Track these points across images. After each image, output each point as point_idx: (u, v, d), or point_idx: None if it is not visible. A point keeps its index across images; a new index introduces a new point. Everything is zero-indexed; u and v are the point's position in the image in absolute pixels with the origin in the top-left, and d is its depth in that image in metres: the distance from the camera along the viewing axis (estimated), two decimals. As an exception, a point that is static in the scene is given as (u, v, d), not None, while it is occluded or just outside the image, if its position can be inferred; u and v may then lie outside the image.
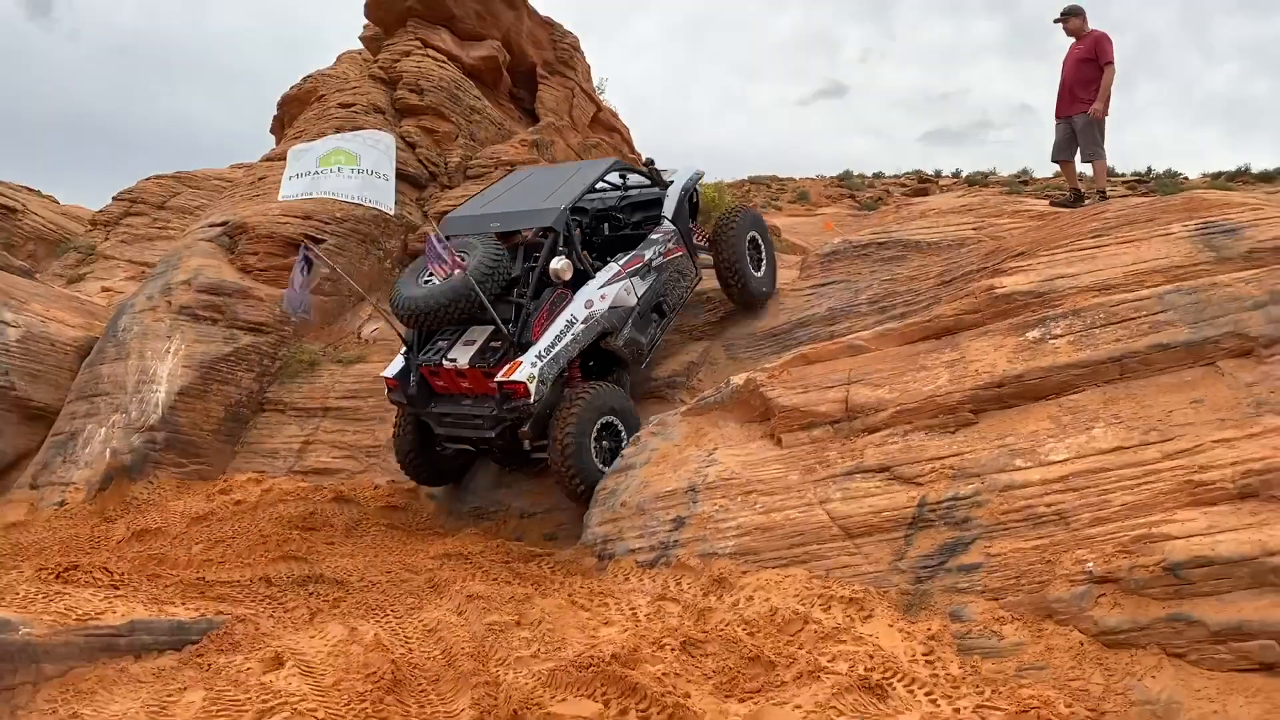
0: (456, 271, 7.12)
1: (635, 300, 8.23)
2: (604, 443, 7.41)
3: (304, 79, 16.62)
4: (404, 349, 7.99)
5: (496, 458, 8.13)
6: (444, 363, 7.48)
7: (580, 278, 7.96)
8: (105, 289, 16.56)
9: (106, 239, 19.89)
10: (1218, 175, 36.05)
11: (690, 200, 9.54)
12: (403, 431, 8.19)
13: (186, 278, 10.58)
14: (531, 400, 7.14)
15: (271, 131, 17.57)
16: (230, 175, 20.87)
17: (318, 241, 11.29)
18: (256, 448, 9.78)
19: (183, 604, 5.37)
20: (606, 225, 9.33)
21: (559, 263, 7.67)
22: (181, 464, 9.30)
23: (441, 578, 6.14)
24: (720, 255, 9.26)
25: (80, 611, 4.84)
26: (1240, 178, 35.15)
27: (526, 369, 7.16)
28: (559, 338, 7.46)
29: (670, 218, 9.00)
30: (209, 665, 4.65)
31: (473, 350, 7.48)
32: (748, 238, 9.39)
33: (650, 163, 9.45)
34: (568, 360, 7.53)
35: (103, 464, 8.95)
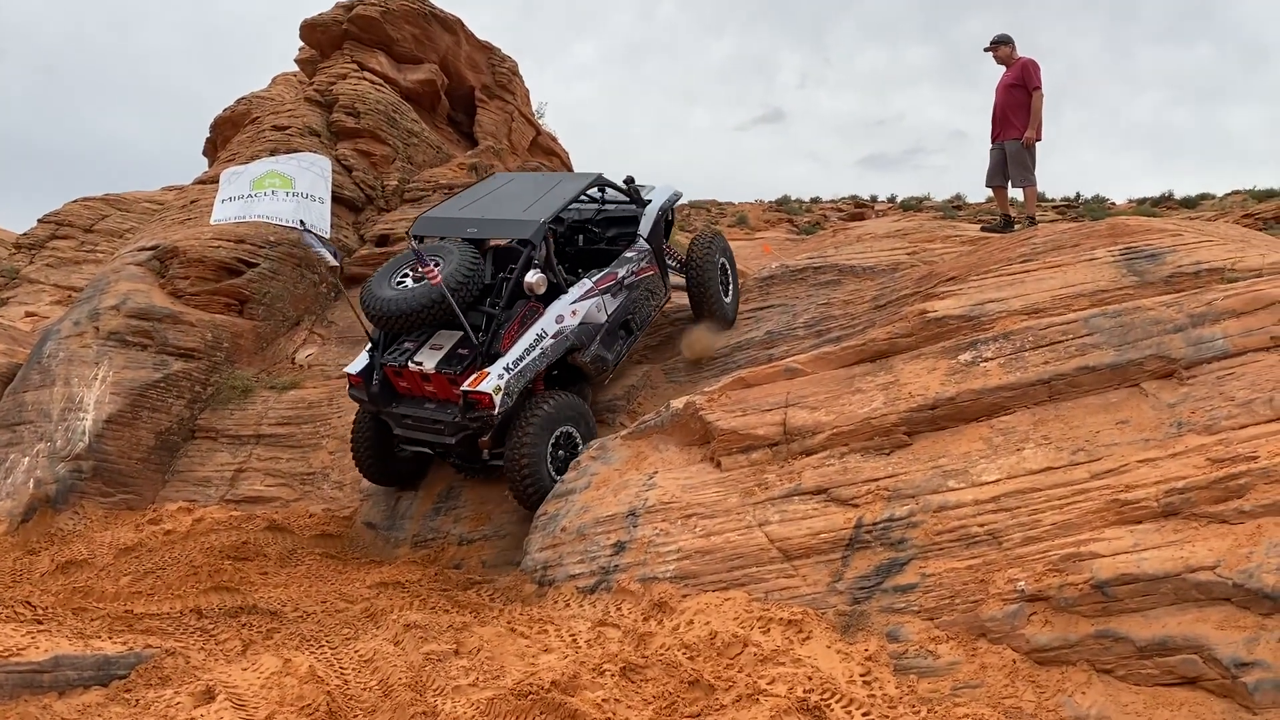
0: (430, 280, 7.16)
1: (605, 318, 8.25)
2: (560, 452, 7.42)
3: (238, 101, 16.47)
4: (369, 346, 7.89)
5: (453, 462, 8.09)
6: (410, 365, 7.42)
7: (553, 290, 7.94)
8: (29, 314, 16.16)
9: (31, 262, 19.42)
10: (1143, 200, 37.18)
11: (665, 219, 9.65)
12: (361, 430, 8.11)
13: (115, 302, 10.35)
14: (495, 412, 7.11)
15: (204, 153, 17.35)
16: (161, 198, 20.52)
17: (251, 265, 11.14)
18: (187, 476, 9.57)
19: (109, 638, 5.23)
20: (581, 238, 9.34)
21: (534, 276, 7.68)
22: (109, 493, 9.06)
23: (378, 607, 6.06)
24: (694, 278, 9.33)
25: (1, 647, 4.68)
26: (1164, 203, 36.30)
27: (494, 380, 7.12)
28: (528, 351, 7.44)
29: (646, 237, 9.04)
30: (137, 701, 4.53)
31: (440, 355, 7.44)
32: (719, 263, 9.50)
33: (630, 180, 9.46)
34: (534, 374, 7.50)
35: (26, 494, 8.69)
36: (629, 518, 6.21)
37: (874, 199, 43.88)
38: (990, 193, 9.92)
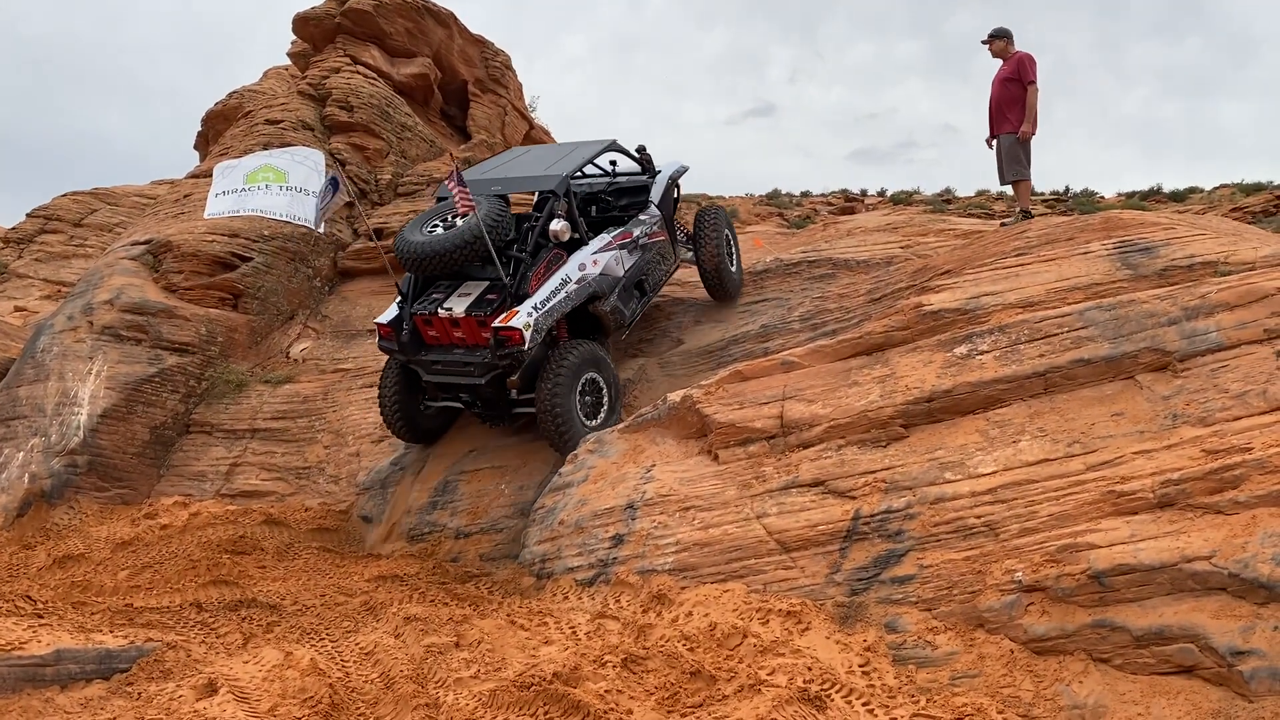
0: (468, 215, 7.53)
1: (623, 272, 8.57)
2: (587, 398, 7.75)
3: (230, 95, 16.37)
4: (398, 298, 8.12)
5: (479, 412, 8.30)
6: (439, 312, 7.68)
7: (573, 246, 8.28)
8: (19, 309, 16.07)
9: (20, 257, 19.30)
10: (1132, 194, 37.23)
11: (673, 193, 9.98)
12: (388, 383, 8.34)
13: (109, 297, 10.31)
14: (526, 347, 7.35)
15: (196, 148, 17.27)
16: (152, 192, 20.41)
17: (245, 260, 11.11)
18: (182, 470, 9.55)
19: (110, 632, 5.23)
20: (594, 207, 9.62)
21: (558, 224, 8.08)
22: (104, 488, 9.04)
23: (377, 600, 6.07)
24: (702, 248, 9.65)
25: (3, 641, 4.69)
26: (1153, 197, 36.36)
27: (523, 317, 7.39)
28: (554, 293, 7.74)
29: (657, 203, 9.40)
30: (139, 694, 4.54)
31: (469, 301, 7.72)
32: (725, 235, 9.85)
33: (642, 149, 9.80)
34: (560, 315, 7.78)
35: (21, 489, 8.67)
36: (627, 510, 6.23)
37: (864, 193, 43.82)
38: (979, 188, 9.90)
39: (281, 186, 11.98)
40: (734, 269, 10.00)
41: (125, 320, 10.10)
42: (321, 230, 11.96)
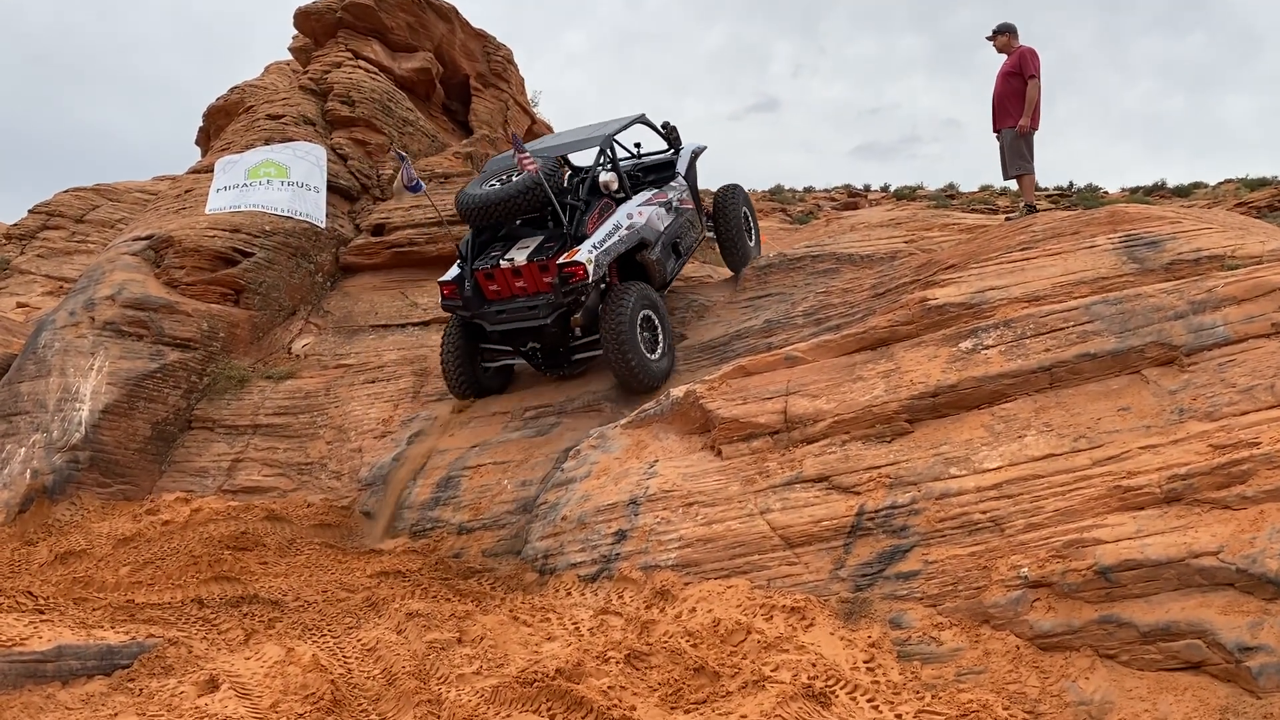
0: (532, 166, 8.20)
1: (663, 228, 9.28)
2: (644, 334, 8.29)
3: (231, 90, 16.34)
4: (458, 260, 8.76)
5: (539, 362, 8.88)
6: (501, 263, 8.30)
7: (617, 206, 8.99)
8: (21, 305, 16.09)
9: (22, 253, 19.32)
10: (1136, 189, 37.20)
11: (695, 167, 10.60)
12: (450, 346, 8.88)
13: (110, 292, 10.28)
14: (590, 280, 7.97)
15: (197, 143, 17.23)
16: (153, 187, 20.43)
17: (246, 255, 11.09)
18: (184, 466, 9.53)
19: (112, 627, 5.21)
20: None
21: (607, 175, 9.01)
22: (106, 484, 9.02)
23: (379, 596, 6.05)
24: (722, 224, 10.39)
25: (4, 637, 4.67)
26: (1158, 192, 36.33)
27: (585, 253, 8.05)
28: (609, 235, 8.41)
29: (683, 174, 10.14)
30: (141, 690, 4.52)
31: (528, 250, 8.39)
32: (743, 212, 10.62)
33: (668, 124, 10.43)
34: (614, 256, 8.40)
35: (23, 485, 8.64)
36: (630, 506, 6.21)
37: (867, 188, 43.80)
38: (984, 183, 9.87)
39: (283, 182, 12.00)
40: (752, 243, 10.67)
41: (127, 316, 10.07)
42: (323, 225, 11.97)
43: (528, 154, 8.18)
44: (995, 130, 9.23)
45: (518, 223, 9.10)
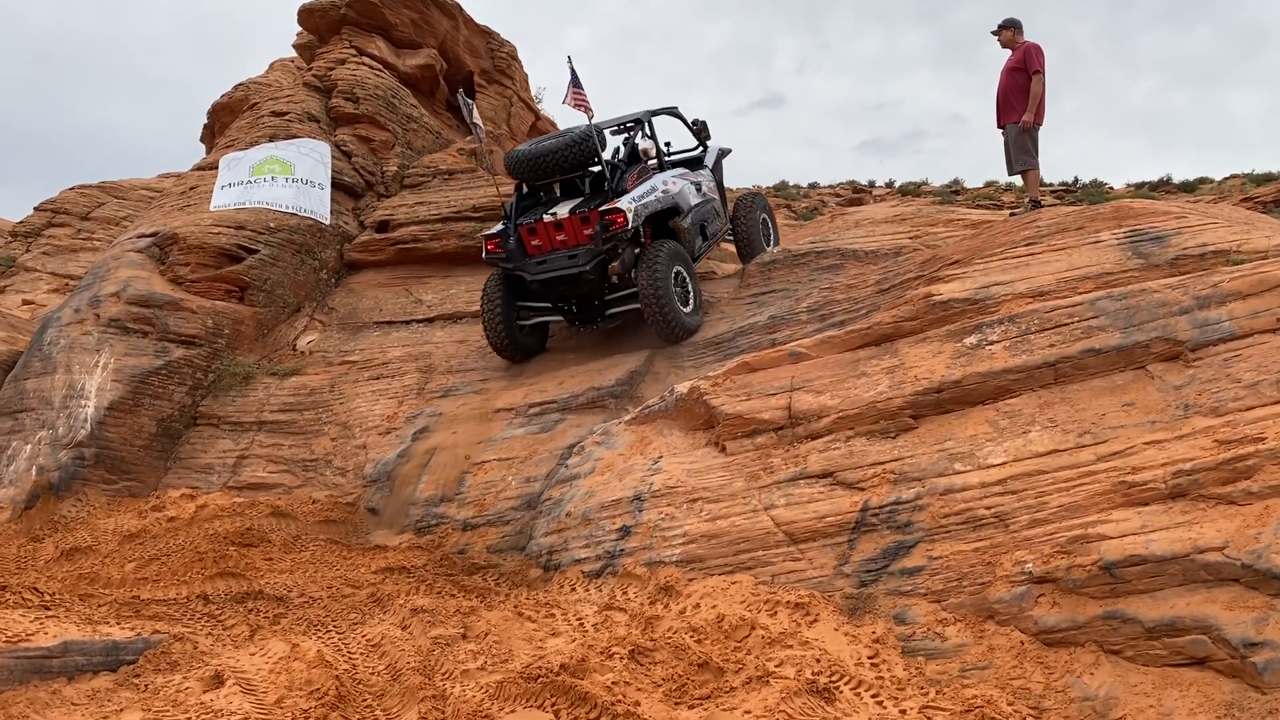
0: (586, 111, 9.17)
1: (693, 203, 9.94)
2: (677, 289, 8.83)
3: (235, 87, 16.38)
4: (503, 217, 9.42)
5: (573, 315, 9.41)
6: (544, 217, 8.92)
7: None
8: (27, 302, 16.13)
9: (27, 251, 19.37)
10: (1141, 185, 37.11)
11: (721, 164, 11.29)
12: (491, 305, 9.35)
13: (115, 289, 10.30)
14: (629, 228, 8.59)
15: (202, 140, 17.27)
16: (158, 185, 20.47)
17: (251, 252, 11.10)
18: (189, 463, 9.54)
19: (117, 623, 5.23)
20: None
21: (646, 142, 9.79)
22: (111, 481, 9.04)
23: (384, 592, 6.06)
24: (741, 226, 10.98)
25: (10, 633, 4.68)
26: (1163, 187, 36.23)
27: (625, 202, 8.70)
28: (647, 194, 9.11)
29: (710, 167, 10.84)
30: (146, 685, 4.53)
31: (570, 206, 9.01)
32: (761, 217, 11.26)
33: (699, 120, 10.99)
34: (650, 213, 9.05)
35: (29, 481, 8.66)
36: (634, 502, 6.21)
37: (872, 184, 43.75)
38: (989, 179, 9.84)
39: (288, 178, 12.02)
40: (769, 246, 11.13)
41: (132, 313, 10.09)
42: (328, 222, 11.97)
43: (583, 94, 8.98)
44: (1000, 126, 9.21)
45: (556, 193, 9.78)
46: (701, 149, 11.05)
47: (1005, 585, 4.83)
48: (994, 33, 9.16)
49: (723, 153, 11.25)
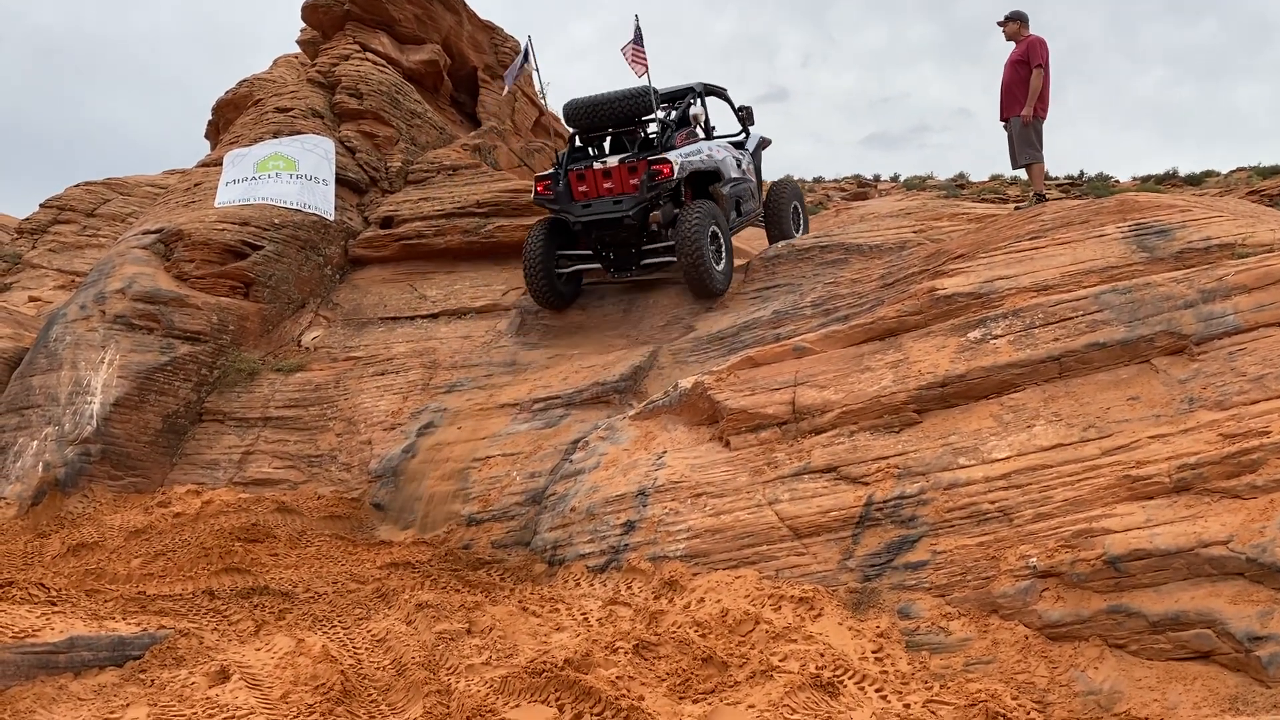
0: (639, 66, 9.44)
1: (733, 175, 10.49)
2: (711, 247, 9.24)
3: (239, 83, 16.37)
4: (554, 164, 9.93)
5: (610, 263, 9.90)
6: (594, 165, 9.50)
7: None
8: (33, 298, 16.14)
9: (34, 247, 19.39)
10: (1147, 178, 36.98)
11: (760, 150, 11.83)
12: (533, 253, 9.75)
13: (121, 286, 10.31)
14: (674, 179, 9.13)
15: (206, 136, 17.27)
16: (163, 181, 20.48)
17: (256, 248, 11.12)
18: (195, 459, 9.56)
19: (123, 619, 5.25)
20: None
21: (696, 108, 10.44)
22: (117, 477, 9.06)
23: (389, 587, 6.07)
24: (772, 211, 11.48)
25: (16, 629, 4.70)
26: (1169, 180, 36.10)
27: (672, 155, 9.27)
28: (693, 154, 9.70)
29: (751, 151, 11.38)
30: (152, 681, 4.55)
31: (619, 157, 9.55)
32: (793, 205, 11.75)
33: (745, 106, 11.58)
34: (693, 171, 9.60)
35: (35, 478, 8.69)
36: (638, 497, 6.22)
37: (877, 178, 43.65)
38: (994, 173, 9.84)
39: (292, 174, 12.01)
40: (798, 234, 11.52)
41: (137, 309, 10.10)
42: (332, 218, 11.98)
43: (643, 51, 9.39)
44: (1003, 119, 9.20)
45: (606, 150, 10.19)
46: (744, 134, 11.55)
47: (1009, 580, 4.83)
48: (1000, 24, 9.15)
49: (763, 141, 11.76)
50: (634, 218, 9.34)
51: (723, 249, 9.47)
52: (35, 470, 8.77)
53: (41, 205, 20.47)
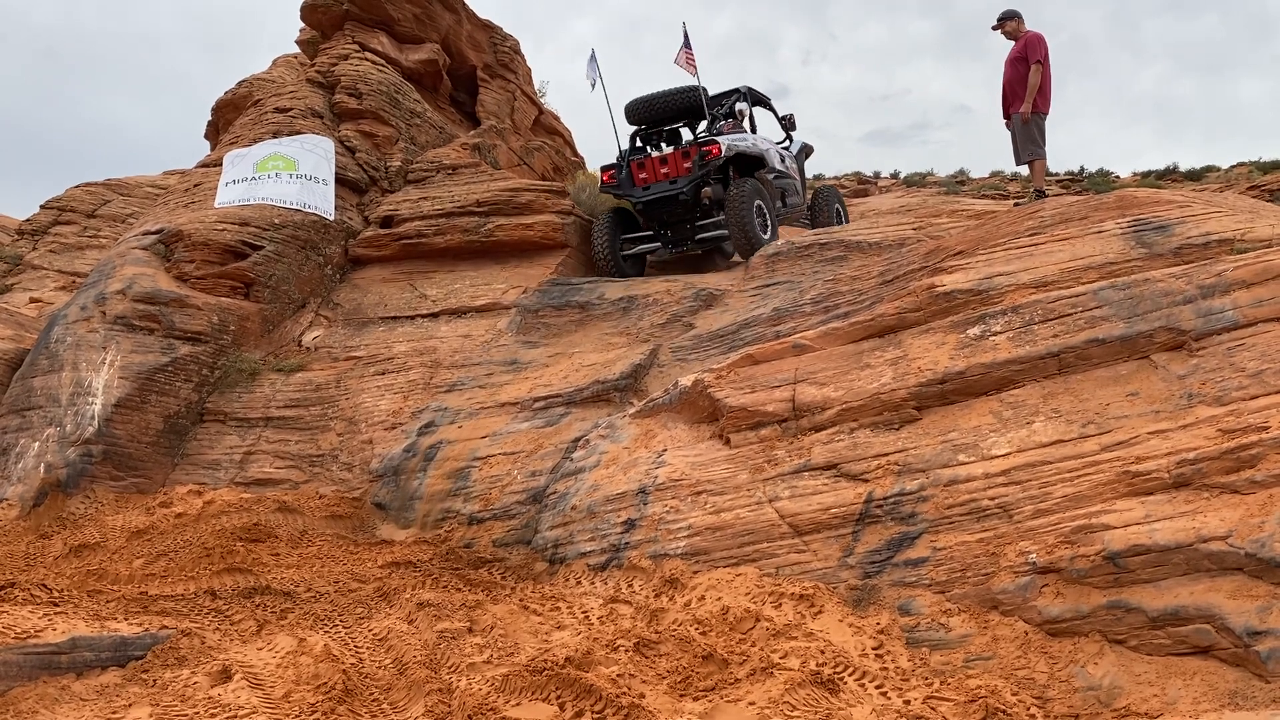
0: (689, 67, 11.02)
1: (777, 167, 11.87)
2: (757, 219, 10.58)
3: (239, 83, 16.38)
4: (617, 156, 11.55)
5: (668, 240, 11.39)
6: (651, 153, 11.21)
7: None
8: (34, 300, 16.14)
9: (34, 248, 19.38)
10: (1147, 174, 36.98)
11: (804, 153, 13.41)
12: (601, 236, 11.25)
13: (121, 287, 10.32)
14: (721, 157, 10.59)
15: (206, 137, 17.29)
16: (164, 182, 20.47)
17: (256, 248, 11.12)
18: (197, 459, 9.57)
19: (125, 619, 5.26)
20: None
21: (743, 105, 12.03)
22: (119, 477, 9.07)
23: (390, 586, 6.08)
24: (818, 211, 13.02)
25: (19, 630, 4.72)
26: (1169, 176, 36.09)
27: (720, 138, 10.77)
28: (739, 139, 11.20)
29: (794, 154, 12.88)
30: (155, 681, 4.56)
31: (673, 148, 11.28)
32: (835, 206, 13.25)
33: (789, 115, 13.04)
34: (739, 154, 11.01)
35: (37, 479, 8.70)
36: (639, 495, 6.23)
37: (877, 175, 43.62)
38: (994, 169, 9.86)
39: (292, 174, 12.02)
40: None
41: (138, 310, 10.10)
42: (332, 217, 11.98)
43: (692, 54, 10.85)
44: (1005, 116, 9.21)
45: (661, 147, 11.63)
46: (788, 140, 12.94)
47: (1009, 576, 4.84)
48: (995, 26, 9.15)
49: (806, 148, 13.37)
50: (688, 194, 10.75)
51: (768, 223, 10.81)
52: (37, 471, 8.78)
53: (42, 206, 20.47)
